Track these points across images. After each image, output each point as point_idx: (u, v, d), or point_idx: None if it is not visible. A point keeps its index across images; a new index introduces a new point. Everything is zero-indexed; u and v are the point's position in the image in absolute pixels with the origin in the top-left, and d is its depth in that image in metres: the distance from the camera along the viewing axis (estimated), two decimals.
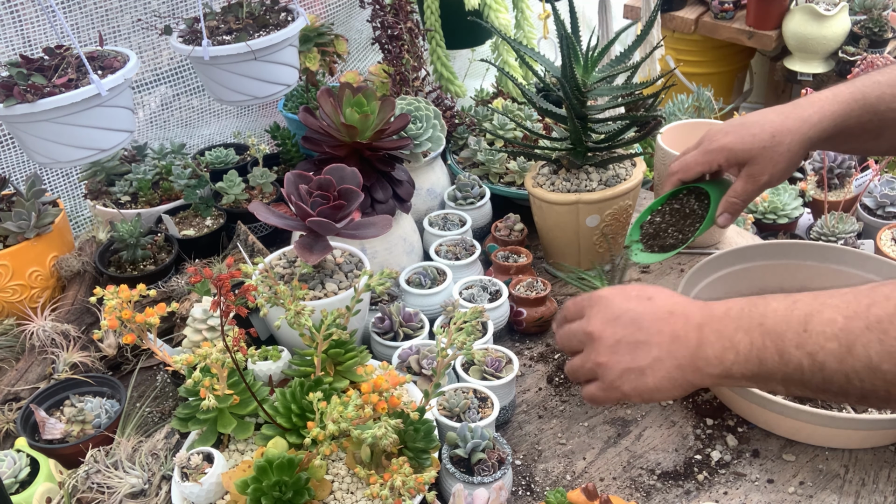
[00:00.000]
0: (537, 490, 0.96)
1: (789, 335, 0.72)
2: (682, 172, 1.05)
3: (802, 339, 0.71)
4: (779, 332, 0.73)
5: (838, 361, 0.69)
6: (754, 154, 0.98)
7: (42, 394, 1.06)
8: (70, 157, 1.21)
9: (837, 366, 0.69)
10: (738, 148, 0.99)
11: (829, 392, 0.72)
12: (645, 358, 0.81)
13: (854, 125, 0.98)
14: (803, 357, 0.71)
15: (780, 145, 0.97)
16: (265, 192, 1.51)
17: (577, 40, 1.18)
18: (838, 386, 0.70)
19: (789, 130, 0.97)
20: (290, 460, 0.82)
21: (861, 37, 2.57)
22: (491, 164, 1.46)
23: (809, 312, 0.72)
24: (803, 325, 0.72)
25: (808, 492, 0.92)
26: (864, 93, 0.97)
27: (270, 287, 1.00)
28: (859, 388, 0.69)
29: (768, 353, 0.74)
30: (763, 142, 0.98)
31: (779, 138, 0.97)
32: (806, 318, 0.72)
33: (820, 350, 0.70)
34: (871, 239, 1.52)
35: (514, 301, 1.19)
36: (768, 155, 0.98)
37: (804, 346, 0.71)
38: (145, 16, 1.62)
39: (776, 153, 0.97)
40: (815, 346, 0.70)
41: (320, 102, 1.18)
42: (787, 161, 0.98)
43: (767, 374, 0.74)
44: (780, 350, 0.73)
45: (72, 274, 1.28)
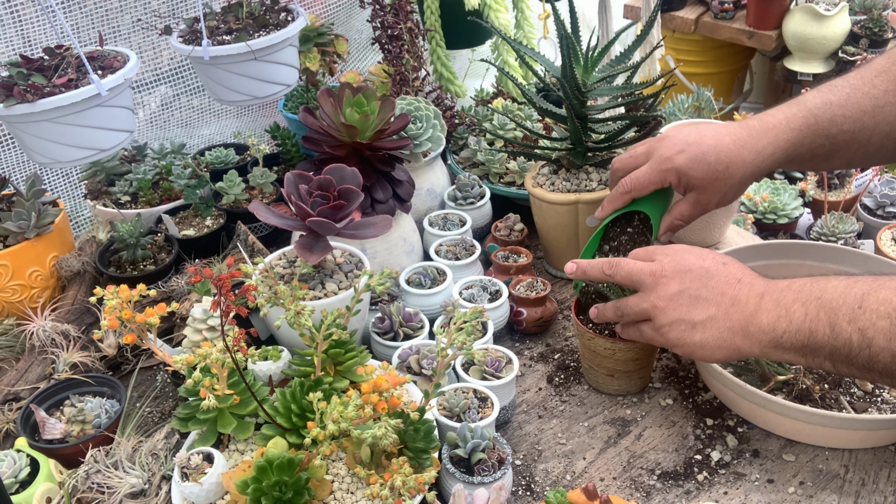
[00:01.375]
0: (537, 490, 0.96)
1: (844, 310, 0.74)
2: (635, 192, 1.05)
3: (856, 315, 0.73)
4: (834, 306, 0.75)
5: (887, 339, 0.71)
6: (706, 183, 1.00)
7: (42, 394, 1.06)
8: (70, 157, 1.21)
9: (885, 343, 0.71)
10: (692, 174, 1.00)
11: (873, 371, 0.74)
12: (701, 313, 0.83)
13: (805, 152, 1.00)
14: (854, 332, 0.73)
15: (733, 178, 0.99)
16: (265, 192, 1.51)
17: (577, 40, 1.18)
18: (883, 365, 0.72)
19: (743, 162, 0.98)
20: (290, 460, 0.82)
21: (861, 37, 2.57)
22: (491, 164, 1.46)
23: (867, 291, 0.74)
24: (859, 301, 0.74)
25: (808, 492, 0.92)
26: (816, 116, 0.98)
27: (270, 287, 1.00)
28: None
29: (821, 325, 0.76)
30: (717, 173, 0.99)
31: (732, 170, 0.98)
32: (863, 296, 0.74)
33: (871, 326, 0.72)
34: (871, 239, 1.52)
35: (514, 301, 1.19)
36: (719, 185, 1.00)
37: (856, 321, 0.73)
38: (145, 16, 1.62)
39: (727, 184, 0.99)
40: (867, 322, 0.72)
41: (320, 102, 1.18)
42: (735, 190, 1.01)
43: (816, 347, 0.76)
44: (832, 323, 0.75)
45: (72, 274, 1.28)
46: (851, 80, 1.01)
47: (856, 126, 0.98)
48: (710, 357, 0.85)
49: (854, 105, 0.98)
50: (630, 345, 1.01)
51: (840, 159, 1.02)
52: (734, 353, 0.83)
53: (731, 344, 0.82)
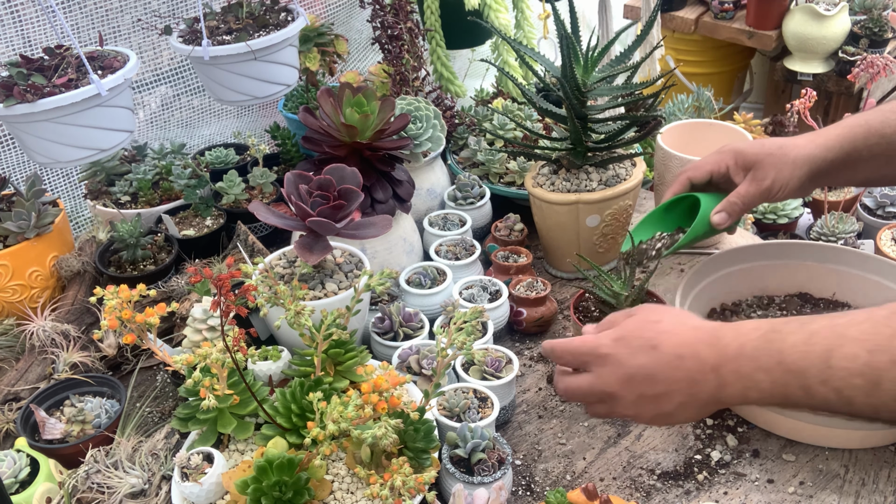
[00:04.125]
0: (537, 490, 0.96)
1: (812, 371, 0.71)
2: (691, 171, 1.07)
3: (827, 376, 0.70)
4: (800, 369, 0.72)
5: (866, 395, 0.69)
6: (761, 158, 1.01)
7: (42, 394, 1.06)
8: (70, 157, 1.21)
9: (865, 399, 0.69)
10: (748, 151, 1.03)
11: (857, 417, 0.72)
12: (669, 405, 0.81)
13: (861, 147, 1.00)
14: (829, 392, 0.71)
15: (786, 156, 1.00)
16: (265, 192, 1.51)
17: (577, 40, 1.18)
18: (868, 416, 0.71)
19: (796, 145, 1.01)
20: (290, 460, 0.82)
21: (861, 37, 2.57)
22: (491, 164, 1.46)
23: (829, 347, 0.71)
24: (825, 361, 0.70)
25: (808, 492, 0.92)
26: (866, 119, 1.01)
27: (270, 287, 1.00)
28: (888, 417, 0.69)
29: (791, 388, 0.73)
30: (770, 149, 1.01)
31: (786, 150, 1.01)
32: (827, 353, 0.71)
33: (846, 386, 0.69)
34: (871, 239, 1.52)
35: (514, 301, 1.19)
36: (773, 161, 1.01)
37: (829, 382, 0.70)
38: (145, 16, 1.62)
39: (781, 161, 1.00)
40: (841, 381, 0.70)
41: (320, 102, 1.18)
42: (790, 171, 1.00)
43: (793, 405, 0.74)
44: (804, 386, 0.72)
45: (72, 274, 1.28)
46: None
47: None
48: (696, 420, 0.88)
49: None
50: None
51: None
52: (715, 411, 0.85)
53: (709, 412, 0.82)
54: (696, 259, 1.34)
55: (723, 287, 1.19)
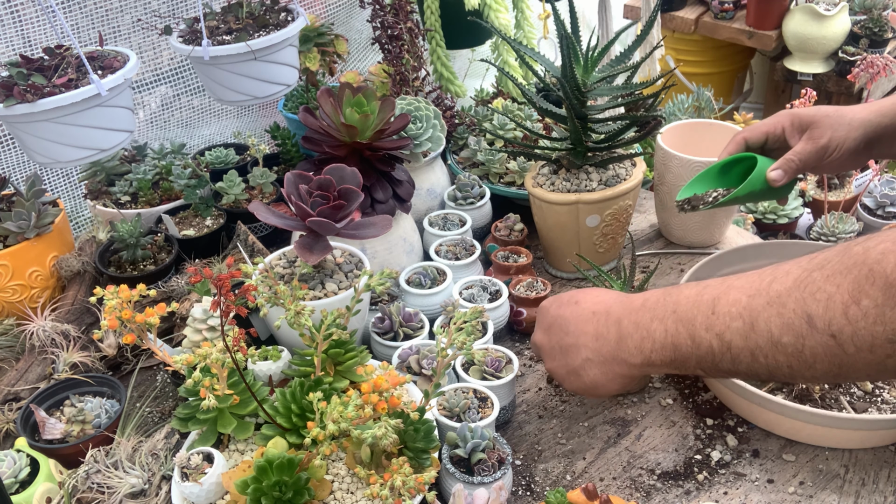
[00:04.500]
0: (537, 490, 0.96)
1: (699, 319, 0.75)
2: (747, 132, 1.07)
3: (711, 322, 0.74)
4: (690, 317, 0.76)
5: (743, 338, 0.72)
6: (817, 118, 1.02)
7: (42, 394, 1.06)
8: (70, 157, 1.21)
9: (743, 343, 0.72)
10: (804, 112, 1.04)
11: (739, 373, 0.75)
12: (576, 359, 0.86)
13: None
14: (713, 338, 0.74)
15: (843, 117, 1.01)
16: (265, 192, 1.51)
17: (577, 40, 1.18)
18: (746, 364, 0.73)
19: (852, 109, 1.02)
20: (290, 460, 0.82)
21: (861, 37, 2.57)
22: (491, 164, 1.46)
23: (717, 296, 0.75)
24: (711, 307, 0.75)
25: (808, 492, 0.92)
26: None
27: (270, 287, 1.00)
28: (765, 365, 0.72)
29: (681, 338, 0.77)
30: (827, 111, 1.02)
31: (842, 112, 1.02)
32: (714, 301, 0.75)
33: (727, 330, 0.73)
34: None
35: (514, 301, 1.19)
36: (829, 121, 1.01)
37: (713, 327, 0.74)
38: (145, 16, 1.62)
39: (837, 122, 1.01)
40: (723, 325, 0.74)
41: (320, 102, 1.18)
42: (846, 132, 1.01)
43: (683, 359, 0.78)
44: (691, 334, 0.76)
45: (72, 274, 1.28)
46: None
47: None
48: (609, 392, 0.87)
49: None
50: None
51: None
52: (622, 379, 0.85)
53: (614, 373, 0.84)
54: (696, 259, 1.34)
55: None
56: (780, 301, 0.70)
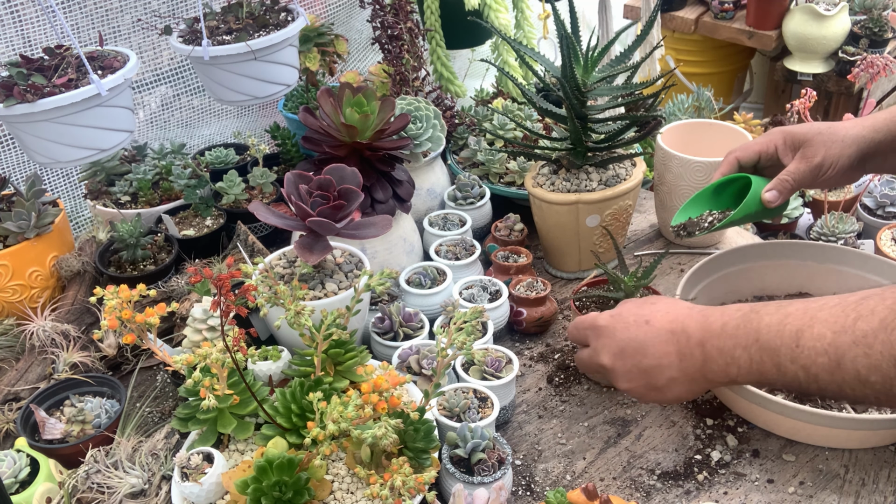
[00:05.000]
0: (537, 490, 0.96)
1: (783, 350, 0.76)
2: (740, 151, 1.07)
3: (796, 354, 0.75)
4: (773, 347, 0.77)
5: (829, 374, 0.73)
6: (810, 137, 1.01)
7: (42, 394, 1.06)
8: (70, 157, 1.21)
9: (829, 377, 0.73)
10: (796, 131, 1.03)
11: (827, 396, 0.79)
12: (660, 379, 0.86)
13: None
14: (798, 370, 0.75)
15: (835, 134, 1.01)
16: (265, 192, 1.51)
17: (577, 40, 1.18)
18: (833, 393, 0.75)
19: (844, 126, 1.02)
20: (290, 460, 0.82)
21: (861, 37, 2.57)
22: (491, 164, 1.46)
23: (800, 328, 0.75)
24: (795, 340, 0.75)
25: (808, 492, 0.92)
26: None
27: (270, 287, 1.00)
28: (851, 396, 0.74)
29: (766, 366, 0.78)
30: (819, 129, 1.02)
31: (834, 129, 1.02)
32: (797, 333, 0.75)
33: (812, 364, 0.74)
34: (871, 239, 1.52)
35: (514, 301, 1.19)
36: (822, 139, 1.01)
37: (798, 360, 0.75)
38: (145, 16, 1.62)
39: (830, 139, 1.01)
40: (808, 360, 0.74)
41: (320, 102, 1.18)
42: (839, 149, 1.00)
43: (769, 383, 0.80)
44: (776, 364, 0.77)
45: (72, 274, 1.28)
46: None
47: None
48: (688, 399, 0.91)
49: None
50: None
51: None
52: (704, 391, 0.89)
53: (698, 389, 0.86)
54: (696, 259, 1.34)
55: (723, 287, 1.18)
56: (866, 342, 0.70)
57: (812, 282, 1.18)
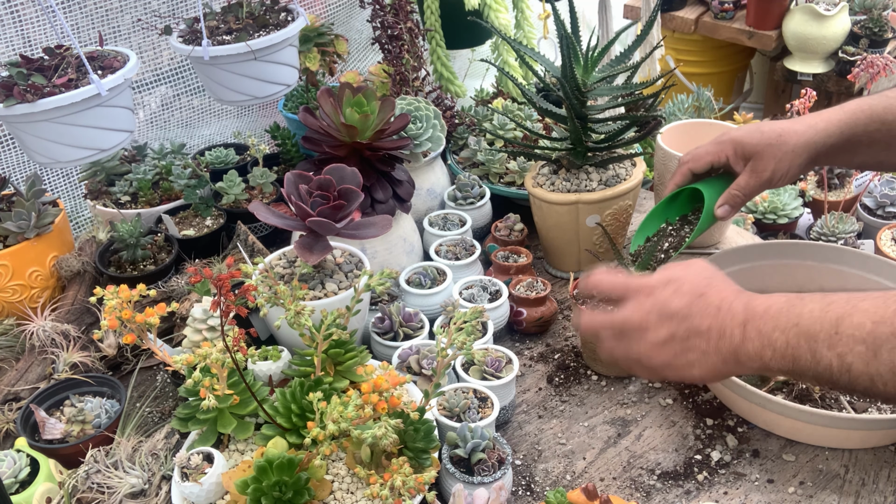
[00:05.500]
0: (537, 490, 0.96)
1: (822, 336, 0.76)
2: (692, 162, 1.08)
3: (833, 341, 0.75)
4: (812, 332, 0.77)
5: (864, 364, 0.73)
6: (760, 149, 1.02)
7: (42, 394, 1.06)
8: (70, 157, 1.21)
9: (864, 368, 0.73)
10: (746, 141, 1.03)
11: (855, 391, 0.76)
12: (694, 352, 0.84)
13: (861, 133, 1.01)
14: (833, 357, 0.75)
15: (786, 144, 1.01)
16: (265, 192, 1.51)
17: (577, 40, 1.18)
18: (863, 387, 0.74)
19: (795, 132, 1.01)
20: (290, 460, 0.82)
21: (861, 37, 2.57)
22: (491, 164, 1.46)
23: (841, 315, 0.75)
24: (835, 326, 0.75)
25: (808, 492, 0.92)
26: (870, 104, 1.01)
27: (270, 287, 1.00)
28: (883, 391, 0.73)
29: (802, 351, 0.77)
30: (770, 139, 1.02)
31: (785, 138, 1.01)
32: (838, 320, 0.75)
33: (849, 352, 0.74)
34: (871, 239, 1.52)
35: (514, 301, 1.19)
36: (773, 152, 1.02)
37: (835, 347, 0.75)
38: (145, 16, 1.62)
39: (780, 151, 1.01)
40: (845, 347, 0.74)
41: (320, 102, 1.18)
42: (790, 161, 1.01)
43: (800, 371, 0.78)
44: (812, 350, 0.76)
45: (72, 274, 1.28)
46: None
47: None
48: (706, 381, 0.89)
49: None
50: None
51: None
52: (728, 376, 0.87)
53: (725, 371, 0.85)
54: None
55: None
56: None
57: (812, 282, 1.18)
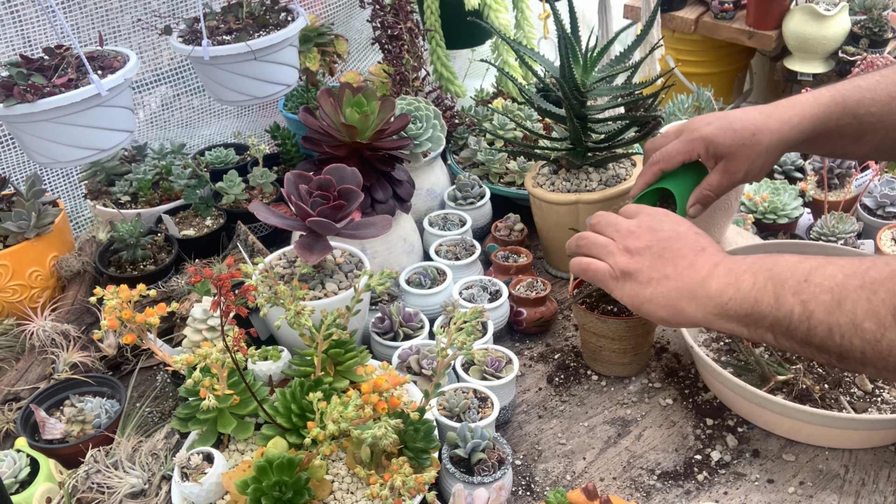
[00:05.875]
0: (537, 490, 0.96)
1: (790, 282, 0.77)
2: (662, 162, 1.06)
3: (801, 287, 0.76)
4: (782, 278, 0.78)
5: (826, 313, 0.73)
6: (734, 150, 1.00)
7: (42, 394, 1.06)
8: (70, 157, 1.21)
9: (825, 317, 0.73)
10: (719, 141, 1.00)
11: (810, 345, 0.75)
12: (658, 272, 0.85)
13: (833, 127, 1.00)
14: (796, 304, 0.76)
15: (760, 144, 0.99)
16: (265, 192, 1.51)
17: (576, 40, 1.18)
18: (819, 339, 0.74)
19: (770, 130, 1.00)
20: (290, 460, 0.82)
21: (861, 37, 2.57)
22: (491, 164, 1.46)
23: (815, 266, 0.76)
24: (806, 275, 0.76)
25: (808, 492, 0.92)
26: (844, 96, 1.00)
27: (270, 287, 1.00)
28: (838, 345, 0.73)
29: (766, 294, 0.78)
30: (744, 139, 0.99)
31: (759, 137, 0.99)
32: (810, 270, 0.76)
33: (813, 299, 0.74)
34: (871, 239, 1.52)
35: (514, 301, 1.19)
36: (747, 152, 1.00)
37: (800, 293, 0.76)
38: (145, 16, 1.62)
39: (755, 151, 1.00)
40: (810, 295, 0.75)
41: (320, 102, 1.18)
42: (763, 160, 1.01)
43: (759, 316, 0.78)
44: (777, 294, 0.77)
45: (72, 274, 1.28)
46: (883, 70, 1.04)
47: (884, 110, 0.99)
48: (653, 314, 0.86)
49: (883, 90, 0.99)
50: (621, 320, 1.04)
51: (869, 144, 1.03)
52: (677, 314, 0.84)
53: (676, 304, 0.84)
54: None
55: None
56: (871, 287, 0.71)
57: None
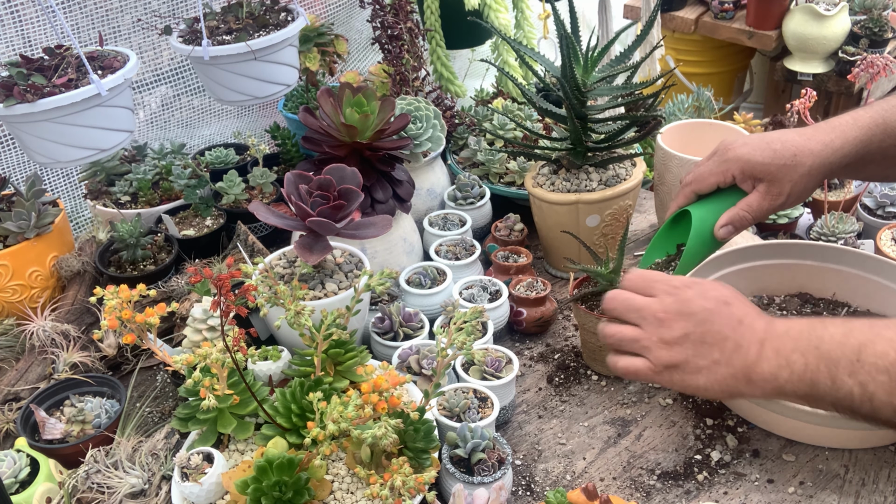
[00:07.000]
0: (537, 490, 0.96)
1: (843, 362, 0.74)
2: (696, 184, 1.00)
3: (855, 368, 0.73)
4: (833, 357, 0.75)
5: (887, 394, 0.71)
6: (773, 171, 0.93)
7: (42, 394, 1.06)
8: (70, 157, 1.21)
9: (887, 398, 0.71)
10: (757, 161, 0.94)
11: (877, 421, 0.74)
12: (705, 359, 0.81)
13: (875, 150, 0.95)
14: (854, 385, 0.73)
15: (802, 166, 0.93)
16: (265, 192, 1.51)
17: (576, 40, 1.18)
18: (886, 416, 0.73)
19: (811, 153, 0.93)
20: (290, 460, 0.82)
21: (861, 37, 2.57)
22: (491, 164, 1.46)
23: (864, 342, 0.73)
24: (857, 353, 0.73)
25: (808, 492, 0.92)
26: (884, 117, 0.95)
27: (270, 287, 1.00)
28: None
29: (821, 376, 0.75)
30: (784, 159, 0.93)
31: (801, 159, 0.93)
32: (860, 347, 0.73)
33: (871, 381, 0.72)
34: (871, 239, 1.52)
35: (514, 301, 1.19)
36: (788, 174, 0.93)
37: (856, 374, 0.73)
38: (145, 16, 1.62)
39: (797, 173, 0.93)
40: (867, 376, 0.72)
41: (320, 102, 1.18)
42: (805, 183, 0.94)
43: (818, 396, 0.76)
44: (832, 376, 0.74)
45: (72, 274, 1.28)
46: None
47: None
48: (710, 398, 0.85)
49: None
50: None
51: None
52: (735, 395, 0.82)
53: (734, 388, 0.81)
54: None
55: None
56: None
57: (812, 282, 1.18)
